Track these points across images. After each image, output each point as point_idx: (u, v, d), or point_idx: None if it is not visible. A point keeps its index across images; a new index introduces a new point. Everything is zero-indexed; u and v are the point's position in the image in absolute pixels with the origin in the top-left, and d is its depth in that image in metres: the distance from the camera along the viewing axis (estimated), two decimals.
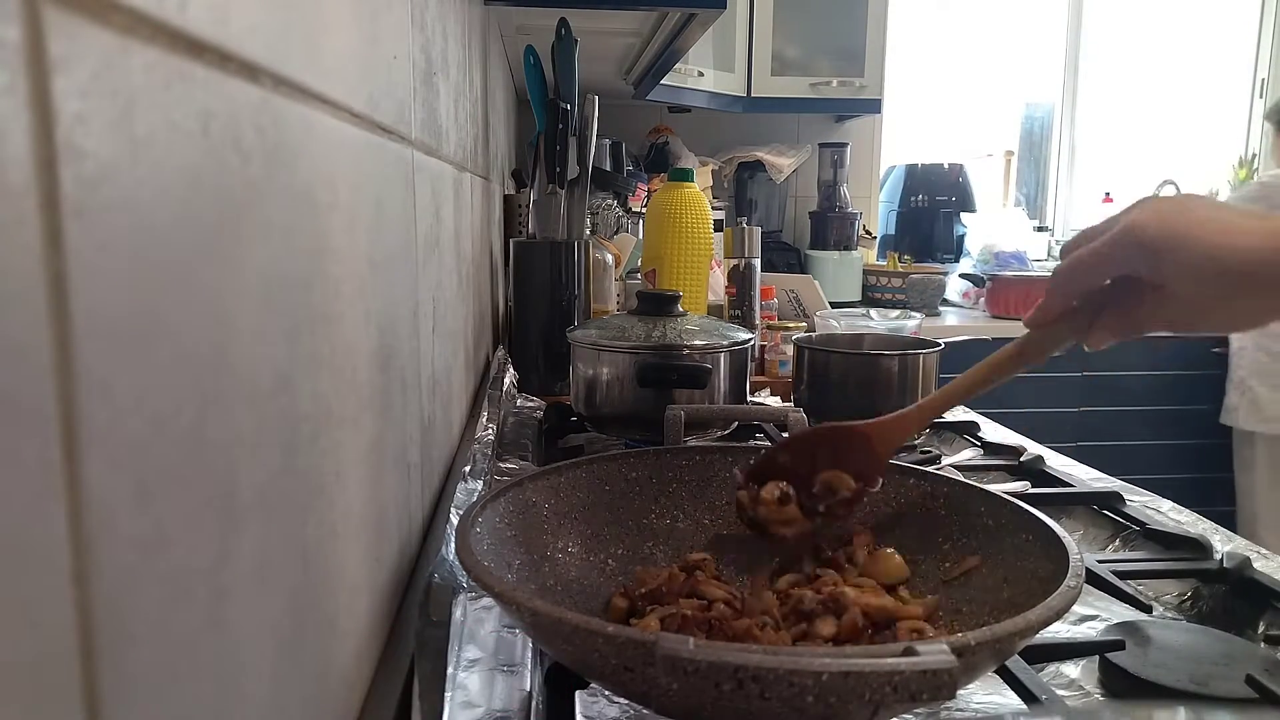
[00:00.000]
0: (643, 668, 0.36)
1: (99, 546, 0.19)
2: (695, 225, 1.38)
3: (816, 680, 0.32)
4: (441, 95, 0.78)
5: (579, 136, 1.29)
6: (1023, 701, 0.49)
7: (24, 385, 0.16)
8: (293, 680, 0.33)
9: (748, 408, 0.98)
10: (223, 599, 0.26)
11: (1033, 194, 3.23)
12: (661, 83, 1.84)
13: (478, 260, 1.13)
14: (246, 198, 0.28)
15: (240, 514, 0.27)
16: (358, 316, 0.44)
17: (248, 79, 0.28)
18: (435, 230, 0.73)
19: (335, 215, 0.39)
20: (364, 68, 0.46)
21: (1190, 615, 0.64)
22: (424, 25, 0.68)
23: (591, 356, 0.97)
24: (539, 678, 0.48)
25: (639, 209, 1.85)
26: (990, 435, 1.06)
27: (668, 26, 1.32)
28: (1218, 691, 0.50)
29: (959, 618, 0.51)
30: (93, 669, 0.18)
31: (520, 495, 0.56)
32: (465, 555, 0.45)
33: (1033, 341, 0.51)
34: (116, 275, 0.20)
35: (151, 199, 0.21)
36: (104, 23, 0.19)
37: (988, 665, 0.41)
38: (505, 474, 0.79)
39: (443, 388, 0.78)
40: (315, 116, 0.36)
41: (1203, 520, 0.77)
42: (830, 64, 2.40)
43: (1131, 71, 3.13)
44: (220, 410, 0.26)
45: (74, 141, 0.18)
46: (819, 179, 2.63)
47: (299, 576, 0.33)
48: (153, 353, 0.21)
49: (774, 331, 1.55)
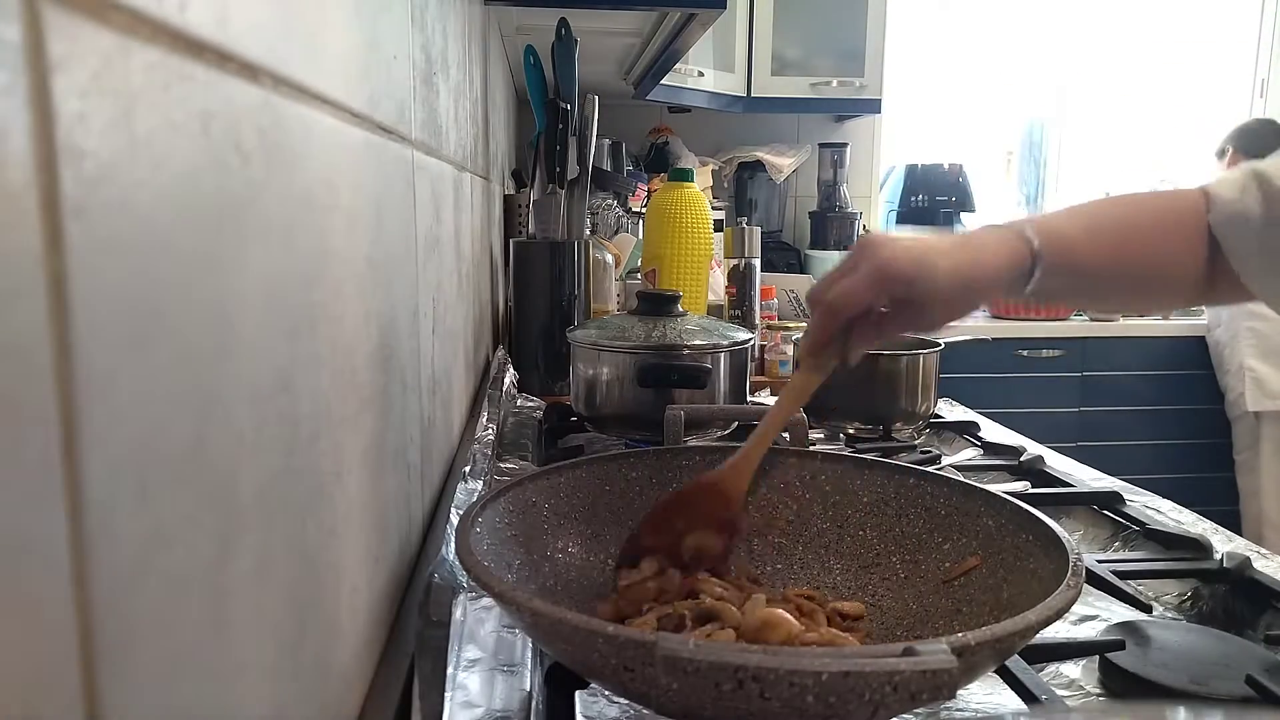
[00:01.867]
0: (643, 668, 0.36)
1: (99, 546, 0.19)
2: (695, 225, 1.38)
3: (816, 680, 0.32)
4: (441, 95, 0.78)
5: (579, 136, 1.29)
6: (1023, 701, 0.49)
7: (24, 385, 0.16)
8: (293, 680, 0.33)
9: (748, 408, 0.98)
10: (223, 599, 0.26)
11: (1033, 194, 3.23)
12: (661, 83, 1.84)
13: (478, 260, 1.13)
14: (246, 198, 0.28)
15: (240, 514, 0.27)
16: (358, 316, 0.44)
17: (248, 79, 0.28)
18: (435, 230, 0.73)
19: (335, 215, 0.39)
20: (364, 68, 0.46)
21: (1190, 615, 0.64)
22: (424, 25, 0.68)
23: (591, 356, 0.97)
24: (539, 678, 0.48)
25: (639, 209, 1.85)
26: (990, 435, 1.06)
27: (668, 26, 1.32)
28: (1218, 691, 0.50)
29: (959, 618, 0.51)
30: (93, 669, 0.18)
31: (520, 495, 0.56)
32: (465, 555, 0.45)
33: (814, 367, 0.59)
34: (116, 275, 0.20)
35: (151, 199, 0.21)
36: (104, 23, 0.19)
37: (988, 665, 0.41)
38: (505, 474, 0.79)
39: (443, 388, 0.78)
40: (315, 116, 0.36)
41: (1203, 520, 0.77)
42: (830, 64, 2.40)
43: (1131, 71, 3.13)
44: (220, 410, 0.26)
45: (74, 141, 0.18)
46: (819, 179, 2.63)
47: (299, 576, 0.33)
48: (153, 353, 0.21)
49: (774, 331, 1.55)
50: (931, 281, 0.56)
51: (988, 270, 0.58)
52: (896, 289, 0.56)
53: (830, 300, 0.57)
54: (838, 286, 0.57)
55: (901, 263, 0.56)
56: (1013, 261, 0.59)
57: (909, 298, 0.57)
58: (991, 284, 0.59)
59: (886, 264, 0.56)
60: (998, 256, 0.59)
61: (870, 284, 0.56)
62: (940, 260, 0.56)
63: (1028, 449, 0.97)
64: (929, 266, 0.56)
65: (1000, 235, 0.60)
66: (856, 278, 0.56)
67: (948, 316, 0.59)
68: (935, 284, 0.56)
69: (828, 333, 0.58)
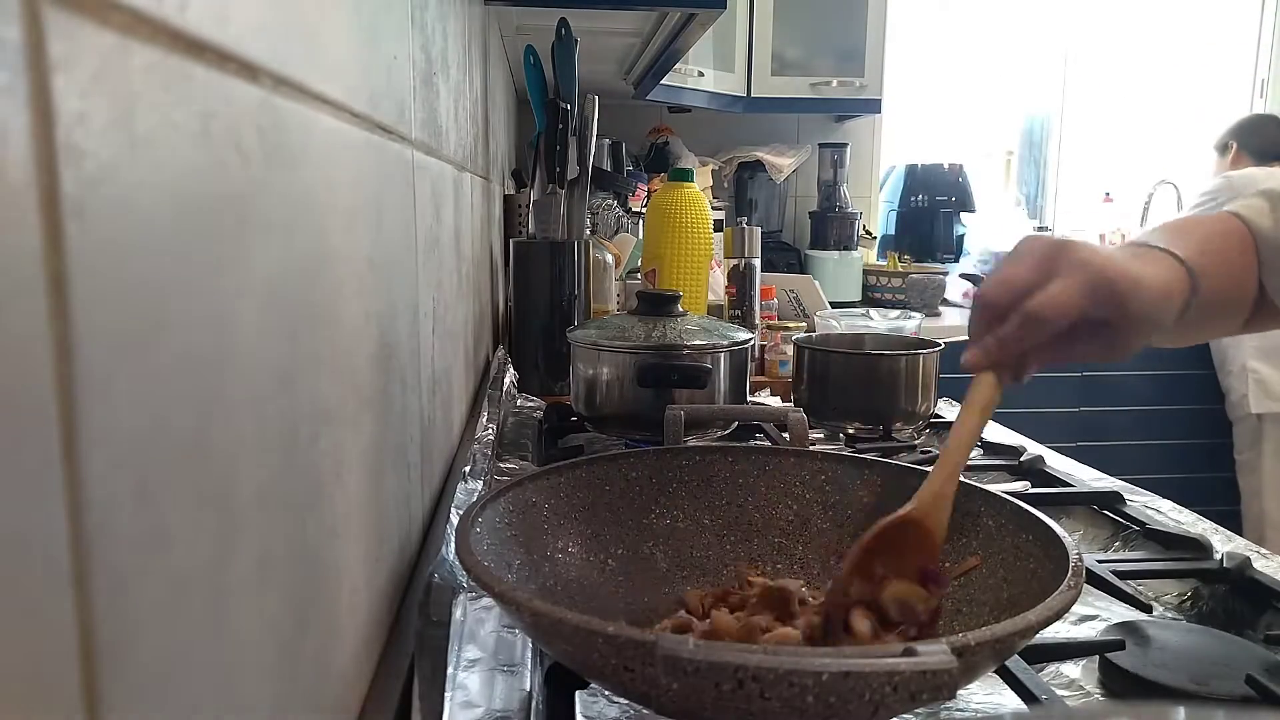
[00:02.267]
0: (643, 668, 0.36)
1: (99, 546, 0.19)
2: (695, 225, 1.38)
3: (816, 680, 0.32)
4: (441, 95, 0.78)
5: (579, 136, 1.29)
6: (1023, 701, 0.49)
7: (24, 385, 0.16)
8: (292, 680, 0.33)
9: (748, 408, 0.98)
10: (223, 599, 0.26)
11: (1033, 194, 3.23)
12: (661, 83, 1.84)
13: (478, 260, 1.13)
14: (246, 197, 0.28)
15: (240, 514, 0.27)
16: (358, 316, 0.44)
17: (248, 79, 0.28)
18: (435, 230, 0.73)
19: (335, 215, 0.39)
20: (364, 68, 0.46)
21: (1190, 615, 0.64)
22: (424, 25, 0.68)
23: (591, 356, 0.97)
24: (539, 678, 0.48)
25: (639, 209, 1.85)
26: (990, 435, 1.06)
27: (668, 26, 1.32)
28: (1218, 691, 0.50)
29: (959, 618, 0.51)
30: (93, 669, 0.18)
31: (520, 495, 0.56)
32: (465, 555, 0.45)
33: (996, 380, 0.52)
34: (116, 275, 0.20)
35: (152, 199, 0.21)
36: (104, 23, 0.19)
37: (988, 665, 0.41)
38: (505, 474, 0.79)
39: (443, 388, 0.78)
40: (315, 117, 0.36)
41: (1203, 520, 0.77)
42: (830, 64, 2.40)
43: (1131, 71, 3.13)
44: (220, 410, 0.26)
45: (74, 141, 0.18)
46: (819, 179, 2.63)
47: (299, 576, 0.33)
48: (153, 353, 0.21)
49: (774, 331, 1.55)
50: (1141, 303, 0.50)
51: (1173, 293, 0.52)
52: (1109, 307, 0.50)
53: (1035, 309, 0.50)
54: (1044, 295, 0.50)
55: (1115, 277, 0.49)
56: (1183, 285, 0.53)
57: (1110, 318, 0.50)
58: (1175, 308, 0.53)
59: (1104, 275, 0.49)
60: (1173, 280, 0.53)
61: (1086, 295, 0.49)
62: (1145, 279, 0.50)
63: (1028, 449, 0.97)
64: (1140, 285, 0.50)
65: (1155, 255, 0.54)
66: (1068, 287, 0.49)
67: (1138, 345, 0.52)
68: (1143, 306, 0.50)
69: (1027, 344, 0.51)
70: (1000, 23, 3.11)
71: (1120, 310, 0.50)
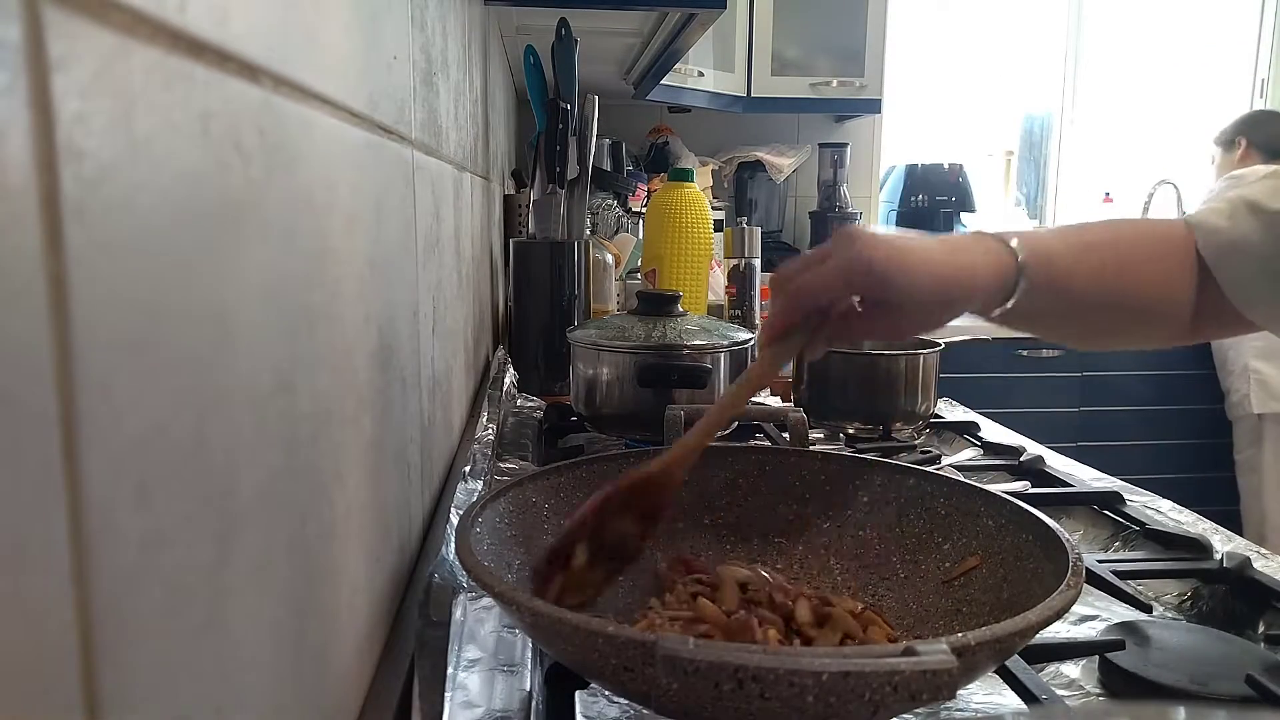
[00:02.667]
0: (643, 668, 0.36)
1: (99, 546, 0.19)
2: (695, 225, 1.38)
3: (816, 680, 0.32)
4: (441, 95, 0.78)
5: (579, 136, 1.29)
6: (1023, 701, 0.49)
7: (24, 385, 0.16)
8: (293, 680, 0.33)
9: (748, 408, 0.98)
10: (223, 599, 0.26)
11: (1033, 194, 3.22)
12: (661, 83, 1.84)
13: (478, 260, 1.13)
14: (246, 198, 0.28)
15: (240, 514, 0.27)
16: (358, 316, 0.44)
17: (248, 79, 0.28)
18: (435, 230, 0.73)
19: (335, 215, 0.39)
20: (364, 68, 0.46)
21: (1190, 615, 0.64)
22: (424, 25, 0.68)
23: (591, 356, 0.97)
24: (539, 678, 0.48)
25: (639, 209, 1.85)
26: (990, 435, 1.06)
27: (668, 26, 1.32)
28: (1218, 691, 0.50)
29: (959, 618, 0.51)
30: (93, 669, 0.18)
31: (520, 495, 0.56)
32: (465, 555, 0.45)
33: (772, 357, 0.55)
34: (116, 275, 0.20)
35: (151, 199, 0.21)
36: (104, 23, 0.19)
37: (988, 665, 0.41)
38: (505, 474, 0.79)
39: (443, 388, 0.78)
40: (315, 117, 0.36)
41: (1203, 520, 0.77)
42: (830, 64, 2.40)
43: (1131, 71, 3.13)
44: (220, 410, 0.26)
45: (74, 141, 0.18)
46: (819, 179, 2.63)
47: (299, 576, 0.33)
48: (153, 353, 0.21)
49: None
50: (909, 284, 0.52)
51: (971, 279, 0.54)
52: (870, 288, 0.52)
53: (793, 289, 0.53)
54: (804, 275, 0.53)
55: (879, 260, 0.51)
56: (997, 272, 0.55)
57: (883, 299, 0.53)
58: (972, 294, 0.55)
59: (862, 259, 0.51)
60: (983, 266, 0.55)
61: (840, 277, 0.52)
62: (920, 262, 0.52)
63: (1028, 449, 0.97)
64: (908, 268, 0.52)
65: (985, 243, 0.56)
66: (827, 269, 0.52)
67: (922, 325, 0.55)
68: (913, 287, 0.52)
69: (786, 323, 0.54)
70: (1000, 22, 3.11)
71: (884, 290, 0.52)
